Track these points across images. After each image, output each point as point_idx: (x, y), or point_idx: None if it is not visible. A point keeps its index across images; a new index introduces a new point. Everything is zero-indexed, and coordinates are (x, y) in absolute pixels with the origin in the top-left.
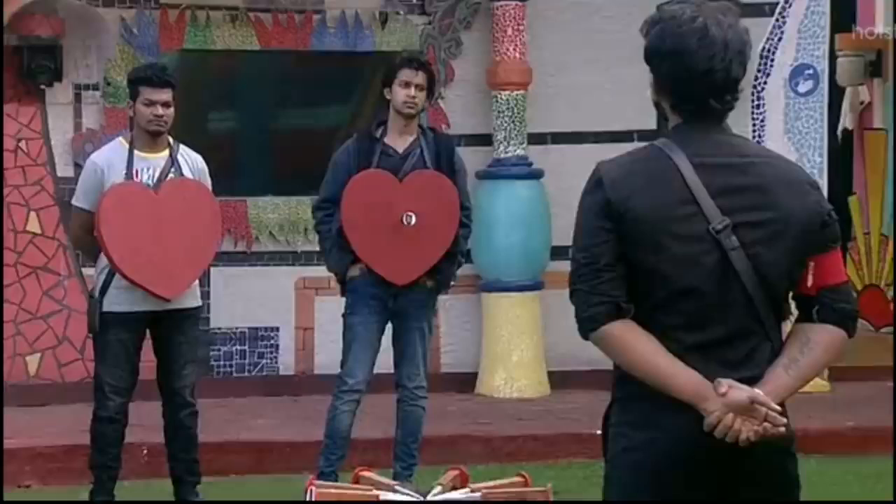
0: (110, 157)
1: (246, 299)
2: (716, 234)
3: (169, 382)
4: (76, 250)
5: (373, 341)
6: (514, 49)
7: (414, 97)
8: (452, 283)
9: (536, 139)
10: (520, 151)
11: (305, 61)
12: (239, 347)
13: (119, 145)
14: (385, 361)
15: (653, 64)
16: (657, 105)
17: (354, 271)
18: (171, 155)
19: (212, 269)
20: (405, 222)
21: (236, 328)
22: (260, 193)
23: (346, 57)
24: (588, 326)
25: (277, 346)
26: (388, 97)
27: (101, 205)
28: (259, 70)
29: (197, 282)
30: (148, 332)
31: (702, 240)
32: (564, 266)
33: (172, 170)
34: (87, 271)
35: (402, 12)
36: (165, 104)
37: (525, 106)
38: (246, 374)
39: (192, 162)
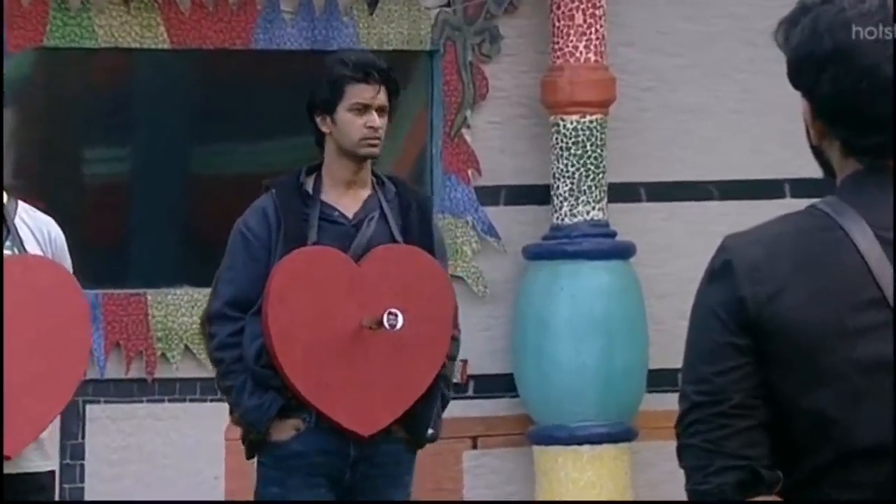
0: None
1: (145, 458)
2: None
3: None
4: None
5: None
6: (586, 47)
7: (377, 129)
8: (432, 430)
9: (622, 193)
10: (596, 213)
11: (245, 67)
12: None
13: None
14: None
15: (804, 81)
16: (817, 152)
17: (284, 431)
18: (3, 219)
19: (87, 407)
20: (387, 326)
21: None
22: (168, 283)
23: (310, 59)
24: None
25: None
26: (323, 130)
27: None
28: (168, 80)
29: (48, 433)
30: None
31: None
32: (670, 402)
33: (7, 243)
34: None
35: None
36: None
37: (604, 140)
38: None
39: (39, 230)
